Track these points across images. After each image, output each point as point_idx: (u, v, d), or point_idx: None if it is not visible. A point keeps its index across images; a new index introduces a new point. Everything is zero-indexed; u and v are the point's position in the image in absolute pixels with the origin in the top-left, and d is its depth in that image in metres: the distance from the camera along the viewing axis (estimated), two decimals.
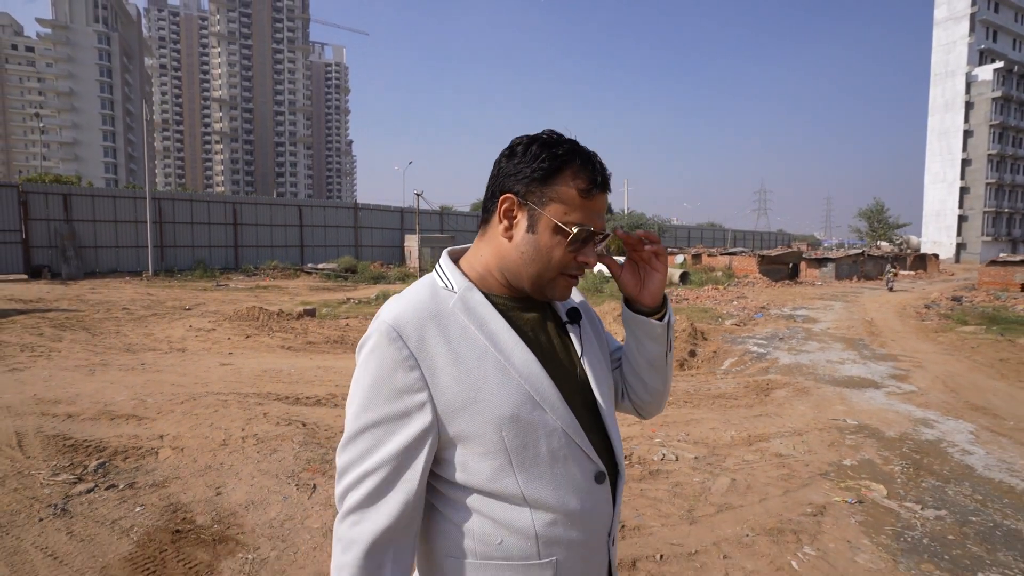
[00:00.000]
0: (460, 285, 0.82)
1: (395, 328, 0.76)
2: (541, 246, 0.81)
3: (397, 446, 0.75)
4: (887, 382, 6.80)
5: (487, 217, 0.86)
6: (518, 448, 0.77)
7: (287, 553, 2.42)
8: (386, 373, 0.75)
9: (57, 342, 7.62)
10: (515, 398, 0.77)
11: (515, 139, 0.85)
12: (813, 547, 2.63)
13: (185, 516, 2.73)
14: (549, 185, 0.80)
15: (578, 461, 0.81)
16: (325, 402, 4.85)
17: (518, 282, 0.84)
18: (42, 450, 3.59)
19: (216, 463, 3.41)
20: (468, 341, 0.78)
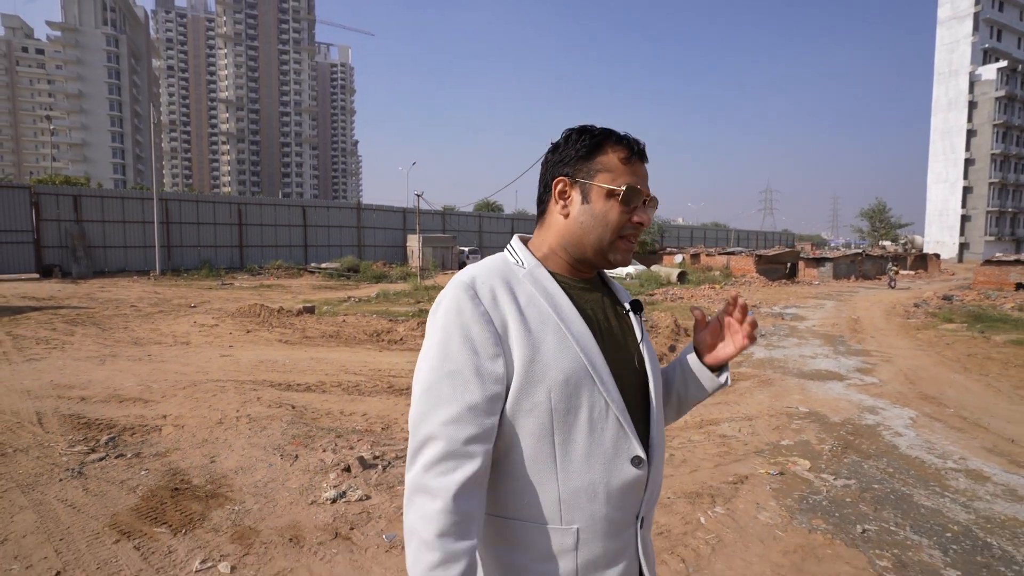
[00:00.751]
0: (529, 262, 0.89)
1: (472, 286, 0.82)
2: (597, 212, 0.88)
3: (478, 395, 0.78)
4: (852, 375, 7.15)
5: (543, 208, 0.94)
6: (562, 412, 0.81)
7: (267, 506, 2.85)
8: (465, 325, 0.79)
9: (69, 336, 8.11)
10: (569, 364, 0.81)
11: (557, 138, 0.94)
12: (724, 507, 3.03)
13: (183, 478, 3.17)
14: (593, 159, 0.89)
15: (615, 436, 0.84)
16: (315, 388, 5.29)
17: (582, 253, 0.90)
18: (59, 427, 4.05)
19: (212, 438, 3.85)
20: (534, 306, 0.84)
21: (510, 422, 0.81)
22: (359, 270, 26.50)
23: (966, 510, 3.06)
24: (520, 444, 0.81)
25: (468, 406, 0.77)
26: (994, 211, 49.57)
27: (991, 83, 48.03)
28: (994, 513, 3.02)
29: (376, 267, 28.70)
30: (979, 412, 5.33)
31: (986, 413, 5.30)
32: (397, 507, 2.85)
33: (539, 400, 0.80)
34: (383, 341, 8.34)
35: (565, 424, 0.81)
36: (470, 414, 0.77)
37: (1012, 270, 22.87)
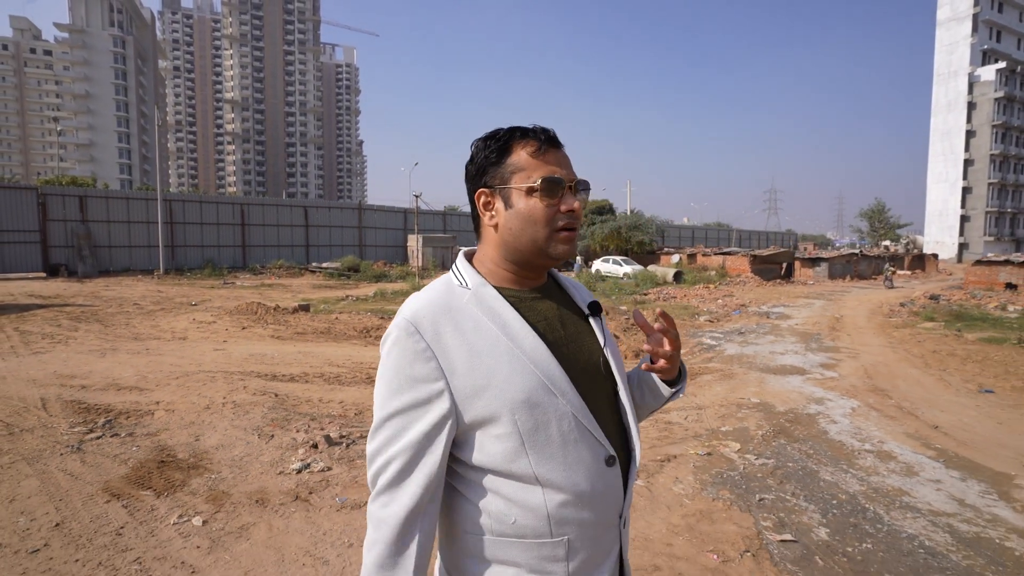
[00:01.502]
0: (474, 282, 0.87)
1: (412, 323, 0.81)
2: (522, 213, 0.86)
3: (419, 432, 0.80)
4: (814, 369, 7.51)
5: (477, 222, 0.93)
6: (530, 431, 0.81)
7: (240, 475, 3.26)
8: (406, 364, 0.80)
9: (73, 332, 8.57)
10: (526, 383, 0.81)
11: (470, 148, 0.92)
12: (644, 480, 3.41)
13: (169, 453, 3.58)
14: (503, 162, 0.87)
15: (588, 444, 0.84)
16: (298, 379, 5.71)
17: (522, 257, 0.89)
18: (61, 411, 4.47)
19: (199, 420, 4.27)
20: (481, 332, 0.83)
21: (482, 449, 0.82)
22: (359, 269, 26.95)
23: (860, 483, 3.43)
24: (497, 468, 0.82)
25: (410, 442, 0.80)
26: (993, 211, 49.62)
27: (990, 84, 48.08)
28: (884, 485, 3.39)
29: (377, 267, 29.16)
30: (919, 403, 5.69)
31: (926, 404, 5.66)
32: (354, 476, 3.26)
33: (504, 424, 0.81)
34: (371, 337, 8.75)
35: (536, 442, 0.81)
36: (414, 449, 0.79)
37: (1002, 270, 23.08)
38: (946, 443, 4.35)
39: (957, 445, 4.30)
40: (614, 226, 34.96)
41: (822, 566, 2.49)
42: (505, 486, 0.82)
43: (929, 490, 3.36)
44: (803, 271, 30.88)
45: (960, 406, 5.68)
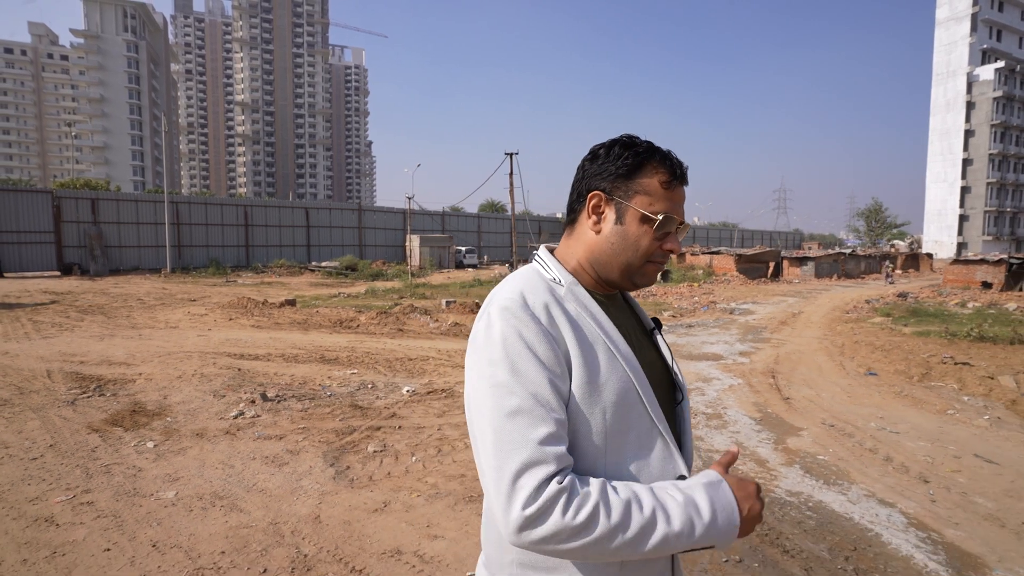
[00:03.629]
0: (567, 279, 0.86)
1: (526, 304, 0.79)
2: (629, 236, 0.85)
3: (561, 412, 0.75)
4: (731, 356, 8.39)
5: (574, 217, 0.91)
6: (615, 431, 0.79)
7: (190, 420, 4.29)
8: (530, 345, 0.76)
9: (79, 322, 9.70)
10: (621, 384, 0.80)
11: (595, 145, 0.91)
12: None
13: (140, 406, 4.62)
14: (633, 179, 0.86)
15: (661, 456, 0.83)
16: (262, 358, 6.74)
17: (608, 273, 0.88)
18: (62, 379, 5.54)
19: (170, 385, 5.31)
20: (585, 326, 0.82)
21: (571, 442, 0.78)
22: (357, 269, 28.08)
23: None
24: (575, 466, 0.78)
25: (558, 424, 0.74)
26: (992, 211, 49.66)
27: (989, 83, 48.14)
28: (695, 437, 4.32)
29: (375, 266, 30.28)
30: (800, 383, 6.57)
31: (806, 384, 6.53)
32: (275, 420, 4.27)
33: (595, 422, 0.78)
34: (342, 327, 9.77)
35: (616, 443, 0.80)
36: (561, 431, 0.74)
37: (978, 269, 23.63)
38: (779, 410, 5.26)
39: (786, 411, 5.21)
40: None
41: None
42: None
43: (723, 437, 4.29)
44: (791, 270, 31.49)
45: (834, 385, 6.56)
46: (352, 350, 7.40)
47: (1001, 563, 2.52)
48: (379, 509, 2.85)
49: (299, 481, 3.20)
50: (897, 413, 5.30)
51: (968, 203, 50.28)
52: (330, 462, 3.47)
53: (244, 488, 3.09)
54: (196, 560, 2.36)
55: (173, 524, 2.67)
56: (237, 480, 3.20)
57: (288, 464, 3.44)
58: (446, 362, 6.87)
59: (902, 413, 5.30)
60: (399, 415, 4.51)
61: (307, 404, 4.72)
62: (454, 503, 2.93)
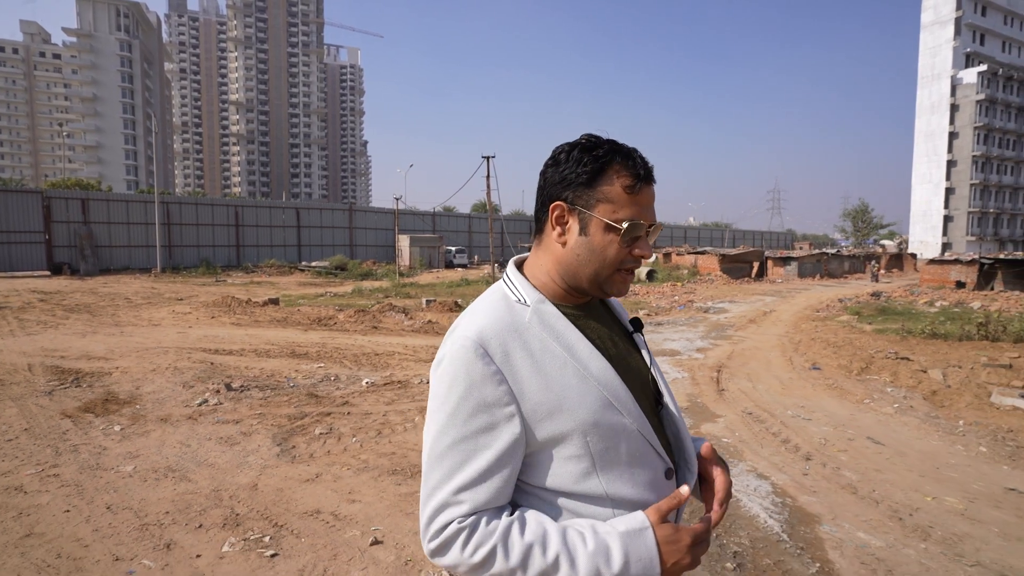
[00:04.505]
0: (532, 298, 0.85)
1: (480, 343, 0.78)
2: (595, 246, 0.83)
3: (488, 460, 0.77)
4: (689, 352, 8.82)
5: (540, 227, 0.89)
6: (601, 451, 0.80)
7: (158, 407, 4.68)
8: (475, 387, 0.77)
9: (64, 320, 10.05)
10: (596, 404, 0.80)
11: (557, 148, 0.88)
12: None
13: (113, 395, 5.01)
14: (595, 187, 0.83)
15: (651, 460, 0.85)
16: (235, 353, 7.12)
17: (577, 283, 0.86)
18: (43, 373, 5.91)
19: (143, 377, 5.69)
20: (548, 353, 0.81)
21: (552, 471, 0.81)
22: (347, 268, 28.41)
23: None
24: (568, 489, 0.81)
25: (483, 472, 0.77)
26: (975, 211, 50.43)
27: (972, 86, 48.90)
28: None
29: (366, 265, 30.61)
30: (742, 376, 6.99)
31: (748, 377, 6.95)
32: (235, 408, 4.66)
33: (576, 446, 0.80)
34: (320, 325, 10.15)
35: (606, 462, 0.81)
36: (487, 479, 0.77)
37: (952, 269, 24.22)
38: (709, 400, 5.69)
39: (714, 401, 5.64)
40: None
41: None
42: (577, 507, 0.81)
43: None
44: (774, 270, 32.00)
45: (775, 378, 7.00)
46: (323, 346, 7.79)
47: (834, 520, 2.95)
48: (311, 480, 3.26)
49: (246, 458, 3.60)
50: (819, 403, 5.73)
51: (952, 204, 51.04)
52: (278, 442, 3.87)
53: (195, 463, 3.50)
54: (143, 518, 2.76)
55: (128, 491, 3.07)
56: (191, 457, 3.60)
57: (239, 444, 3.85)
58: (410, 357, 7.27)
59: (824, 403, 5.74)
60: (351, 403, 4.91)
61: (268, 394, 5.12)
62: (378, 475, 3.34)
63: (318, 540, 2.57)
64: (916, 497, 3.32)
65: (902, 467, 3.86)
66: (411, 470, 3.44)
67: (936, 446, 4.39)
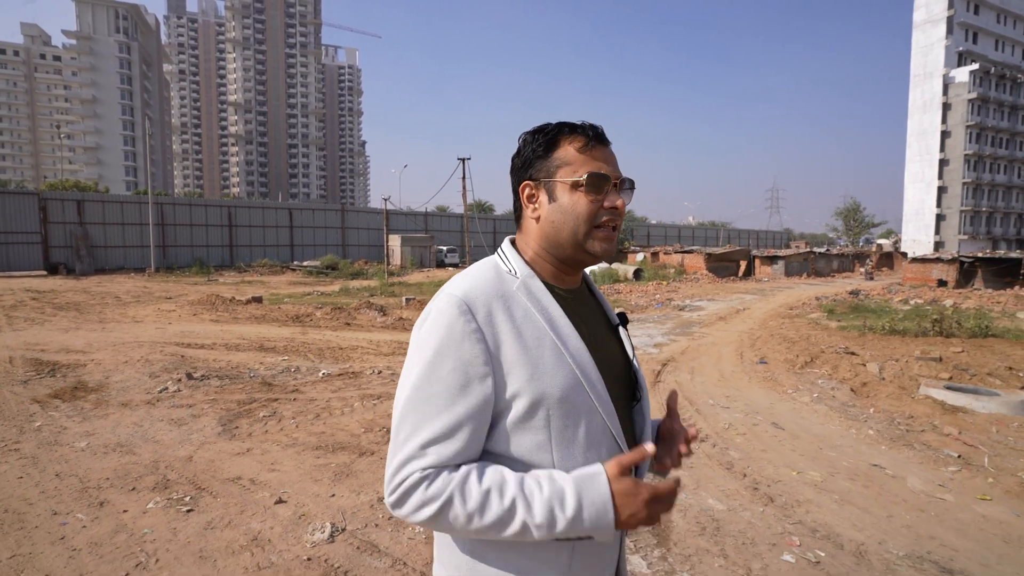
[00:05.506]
0: (523, 272, 0.88)
1: (465, 301, 0.80)
2: (565, 207, 0.87)
3: (460, 414, 0.78)
4: (646, 348, 9.20)
5: (519, 214, 0.93)
6: (560, 427, 0.81)
7: (122, 394, 5.10)
8: (454, 343, 0.78)
9: (52, 317, 10.48)
10: (566, 380, 0.81)
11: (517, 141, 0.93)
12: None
13: (83, 384, 5.43)
14: (550, 156, 0.88)
15: (610, 450, 0.84)
16: (207, 347, 7.54)
17: (562, 251, 0.89)
18: (22, 364, 6.34)
19: (115, 369, 6.11)
20: (530, 322, 0.83)
21: (508, 438, 0.82)
22: (338, 268, 28.83)
23: None
24: (518, 459, 0.82)
25: (452, 426, 0.77)
26: (968, 210, 50.73)
27: (964, 85, 49.17)
28: None
29: (358, 265, 31.04)
30: (683, 369, 7.39)
31: (687, 369, 7.35)
32: (191, 395, 5.08)
33: (538, 417, 0.80)
34: (297, 322, 10.56)
35: (563, 440, 0.81)
36: (455, 434, 0.78)
37: (935, 267, 24.59)
38: (660, 391, 6.08)
39: (649, 389, 6.03)
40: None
41: None
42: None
43: None
44: (762, 268, 32.35)
45: (717, 371, 7.39)
46: (291, 340, 8.21)
47: (694, 490, 3.35)
48: (241, 453, 3.67)
49: (190, 435, 4.02)
50: (746, 393, 6.13)
51: (945, 203, 51.32)
52: (223, 423, 4.29)
53: (143, 440, 3.92)
54: (85, 483, 3.17)
55: (77, 463, 3.49)
56: (140, 435, 4.02)
57: (187, 424, 4.26)
58: (372, 351, 7.69)
59: (750, 393, 6.14)
60: (300, 391, 5.33)
61: (225, 382, 5.54)
62: (302, 451, 3.75)
63: (231, 500, 2.98)
64: (784, 472, 3.72)
65: (788, 448, 4.26)
66: (334, 446, 3.85)
67: (832, 430, 4.78)
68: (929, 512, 3.12)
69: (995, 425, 5.09)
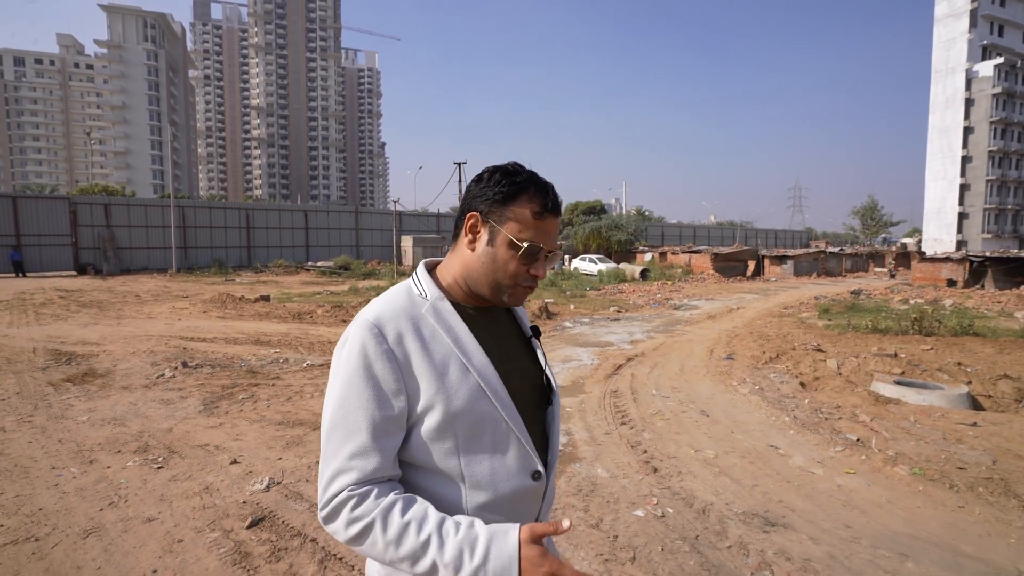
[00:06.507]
0: (432, 294, 0.95)
1: (376, 325, 0.88)
2: (498, 258, 0.94)
3: (378, 428, 0.85)
4: (621, 344, 9.64)
5: (457, 232, 0.99)
6: (466, 436, 0.90)
7: (124, 379, 5.82)
8: (368, 364, 0.86)
9: (75, 313, 11.41)
10: (471, 393, 0.89)
11: (484, 168, 0.99)
12: None
13: (92, 370, 6.18)
14: (507, 206, 0.94)
15: (517, 454, 0.93)
16: (208, 340, 8.28)
17: (478, 289, 0.96)
18: (43, 354, 7.14)
19: (123, 358, 6.86)
20: (437, 341, 0.91)
21: (419, 447, 0.89)
22: (350, 268, 29.74)
23: None
24: (429, 466, 0.90)
25: (372, 439, 0.85)
26: (992, 208, 49.48)
27: (988, 80, 47.98)
28: None
29: (370, 265, 31.95)
30: (647, 363, 7.83)
31: (652, 364, 7.79)
32: (184, 380, 5.76)
33: (445, 427, 0.88)
34: (298, 319, 11.29)
35: (470, 447, 0.90)
36: (375, 446, 0.85)
37: (944, 267, 24.32)
38: (592, 380, 6.58)
39: (597, 381, 6.53)
40: (595, 226, 36.96)
41: None
42: (433, 482, 0.91)
43: None
44: (771, 268, 32.22)
45: (680, 365, 7.81)
46: (287, 335, 8.91)
47: (591, 463, 3.86)
48: (214, 427, 4.32)
49: (174, 413, 4.68)
50: (694, 385, 6.56)
51: (968, 201, 50.14)
52: (205, 403, 4.95)
53: (134, 415, 4.59)
54: (81, 447, 3.85)
55: (77, 432, 4.17)
56: (133, 412, 4.70)
57: (174, 404, 4.93)
58: None
59: (698, 385, 6.57)
60: (281, 378, 5.98)
61: (216, 370, 6.22)
62: (266, 426, 4.37)
63: (195, 461, 3.61)
64: (684, 450, 4.20)
65: (702, 432, 4.71)
66: (295, 422, 4.47)
67: (754, 418, 5.22)
68: (793, 483, 3.57)
69: (916, 415, 5.47)
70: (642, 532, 2.84)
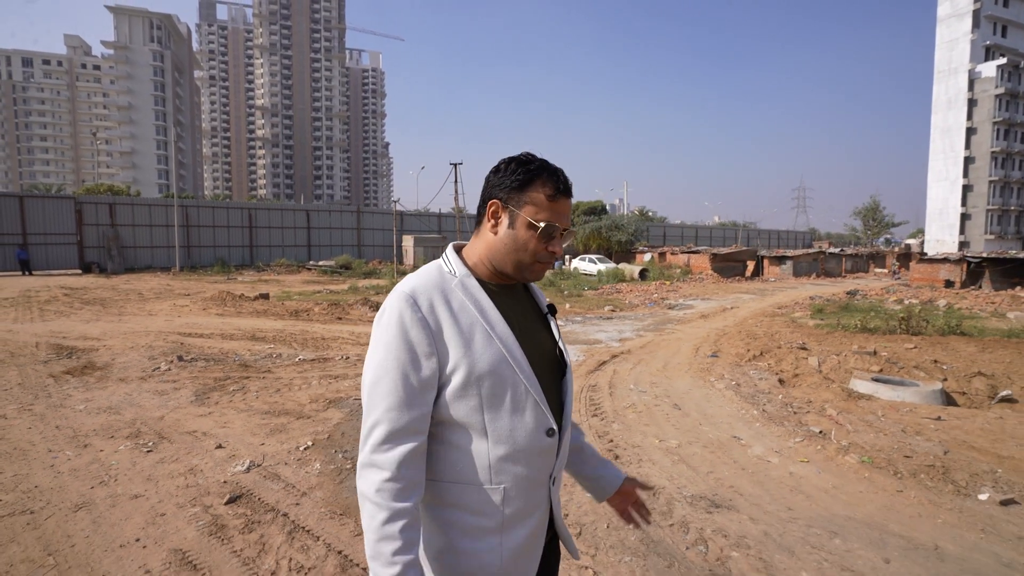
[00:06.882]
0: (460, 271, 1.08)
1: (412, 296, 1.01)
2: (519, 239, 1.07)
3: (415, 386, 0.99)
4: (609, 341, 9.82)
5: (479, 219, 1.13)
6: (489, 395, 1.02)
7: (122, 372, 6.07)
8: (405, 330, 0.99)
9: (78, 310, 11.70)
10: (494, 357, 1.02)
11: (501, 160, 1.11)
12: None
13: (91, 363, 6.43)
14: (524, 192, 1.06)
15: (534, 414, 1.05)
16: (205, 336, 8.53)
17: (502, 267, 1.09)
18: (46, 348, 7.40)
19: (122, 352, 7.11)
20: (464, 311, 1.03)
21: (448, 404, 1.02)
22: (351, 267, 30.01)
23: None
24: (457, 422, 1.02)
25: (406, 396, 0.98)
26: (995, 209, 49.34)
27: (991, 80, 47.86)
28: None
29: (371, 265, 32.23)
30: (632, 361, 8.03)
31: (636, 361, 7.98)
32: (178, 372, 6.00)
33: (471, 386, 1.01)
34: (293, 316, 11.53)
35: (492, 405, 1.02)
36: (408, 402, 0.98)
37: (942, 268, 24.37)
38: (591, 378, 6.77)
39: (577, 376, 6.73)
40: (595, 226, 37.13)
41: None
42: (459, 437, 1.03)
43: None
44: (770, 268, 32.30)
45: (664, 362, 7.99)
46: (282, 332, 9.15)
47: None
48: (203, 415, 4.55)
49: (167, 402, 4.92)
50: (674, 381, 6.74)
51: (970, 201, 50.02)
52: (197, 394, 5.18)
53: (129, 405, 4.83)
54: (77, 432, 4.09)
55: (74, 419, 4.41)
56: (128, 402, 4.94)
57: (167, 394, 5.17)
58: (352, 341, 8.56)
59: (677, 381, 6.75)
60: (272, 371, 6.21)
61: (210, 364, 6.46)
62: (252, 415, 4.60)
63: (183, 445, 3.85)
64: (649, 440, 4.39)
65: (671, 424, 4.90)
66: (279, 412, 4.70)
67: (724, 411, 5.40)
68: (748, 470, 3.77)
69: (885, 410, 5.64)
70: (592, 511, 3.04)
